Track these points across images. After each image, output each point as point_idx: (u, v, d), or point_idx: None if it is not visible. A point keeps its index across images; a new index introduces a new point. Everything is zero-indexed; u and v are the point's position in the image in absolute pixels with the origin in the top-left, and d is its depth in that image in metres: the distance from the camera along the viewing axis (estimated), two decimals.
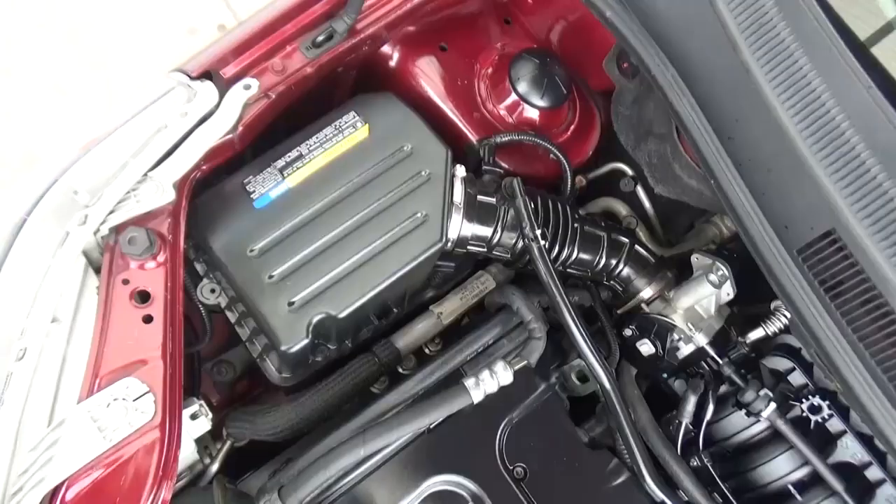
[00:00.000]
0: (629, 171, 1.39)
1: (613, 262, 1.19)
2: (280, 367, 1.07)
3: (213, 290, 1.07)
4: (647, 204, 1.40)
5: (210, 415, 1.03)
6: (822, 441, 1.08)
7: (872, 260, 0.91)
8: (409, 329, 1.15)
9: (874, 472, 1.07)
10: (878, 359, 0.93)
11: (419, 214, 1.03)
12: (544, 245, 1.05)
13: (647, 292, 1.19)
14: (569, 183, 1.25)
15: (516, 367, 1.01)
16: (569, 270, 1.19)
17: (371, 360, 1.09)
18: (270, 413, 1.04)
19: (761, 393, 1.05)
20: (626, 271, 1.19)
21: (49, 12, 2.55)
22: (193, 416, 0.99)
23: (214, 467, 1.08)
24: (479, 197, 1.10)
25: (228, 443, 1.14)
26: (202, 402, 1.02)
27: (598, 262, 1.19)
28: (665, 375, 1.18)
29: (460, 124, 1.24)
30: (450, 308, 1.19)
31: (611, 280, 1.21)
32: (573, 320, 1.02)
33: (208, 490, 1.07)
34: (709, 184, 1.03)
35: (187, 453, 1.04)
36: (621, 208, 1.40)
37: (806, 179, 0.94)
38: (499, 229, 1.11)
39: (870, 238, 0.91)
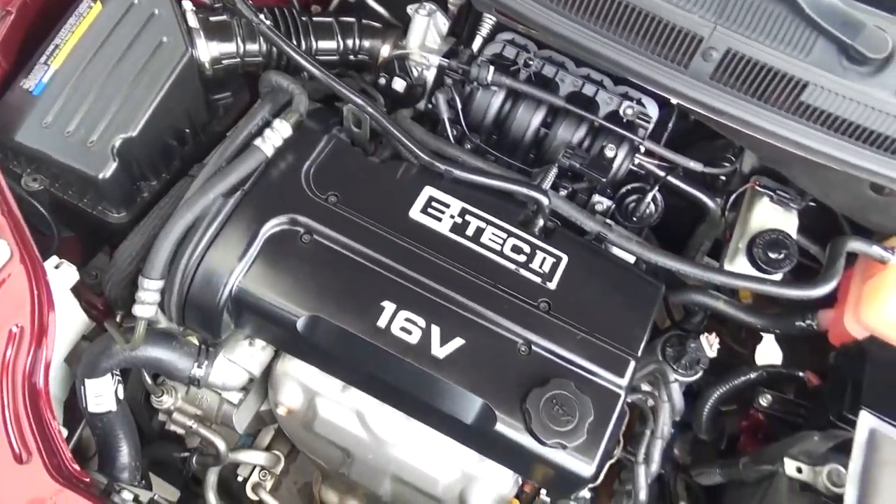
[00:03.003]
0: None
1: (350, 41, 1.42)
2: (113, 207, 1.24)
3: (34, 179, 1.22)
4: (379, 8, 1.63)
5: (74, 266, 1.18)
6: (544, 84, 1.34)
7: None
8: (214, 152, 1.34)
9: (589, 88, 1.34)
10: None
11: (164, 40, 1.22)
12: (270, 24, 1.26)
13: (385, 49, 1.42)
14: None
15: (291, 120, 1.21)
16: (319, 58, 1.40)
17: (190, 181, 1.27)
18: (120, 247, 1.21)
19: (480, 62, 1.29)
20: (364, 42, 1.42)
21: None
22: (56, 266, 1.15)
23: None
24: (212, 18, 1.30)
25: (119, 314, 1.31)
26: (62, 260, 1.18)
27: (340, 45, 1.41)
28: (430, 105, 1.42)
29: None
30: None
31: (358, 55, 1.43)
32: (316, 68, 1.24)
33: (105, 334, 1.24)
34: None
35: (70, 307, 1.20)
36: None
37: None
38: (239, 41, 1.32)
39: None
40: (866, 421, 1.01)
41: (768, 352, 1.71)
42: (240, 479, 1.54)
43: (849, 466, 0.97)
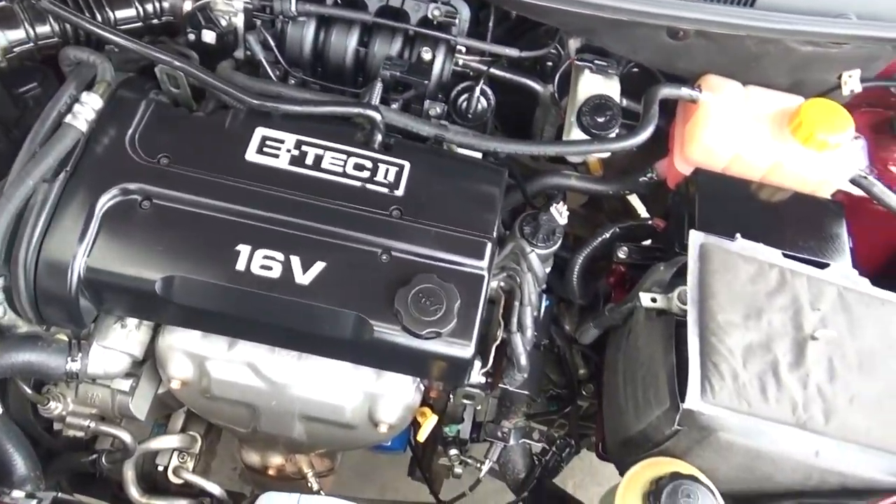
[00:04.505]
0: None
1: (149, 4, 1.36)
2: None
3: None
4: None
5: None
6: (352, 4, 1.34)
7: None
8: None
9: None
10: None
11: None
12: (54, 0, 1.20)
13: (187, 4, 1.38)
14: None
15: (100, 91, 1.17)
16: (122, 29, 1.35)
17: None
18: None
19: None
20: (163, 3, 1.37)
21: None
22: None
23: None
24: None
25: None
26: None
27: (139, 11, 1.36)
28: (248, 51, 1.39)
29: None
30: None
31: (162, 18, 1.39)
32: (115, 35, 1.20)
33: None
34: None
35: None
36: None
37: None
38: (27, 25, 1.25)
39: None
40: (695, 238, 1.10)
41: None
42: (160, 468, 1.52)
43: (688, 280, 1.05)
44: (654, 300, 1.12)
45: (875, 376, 1.01)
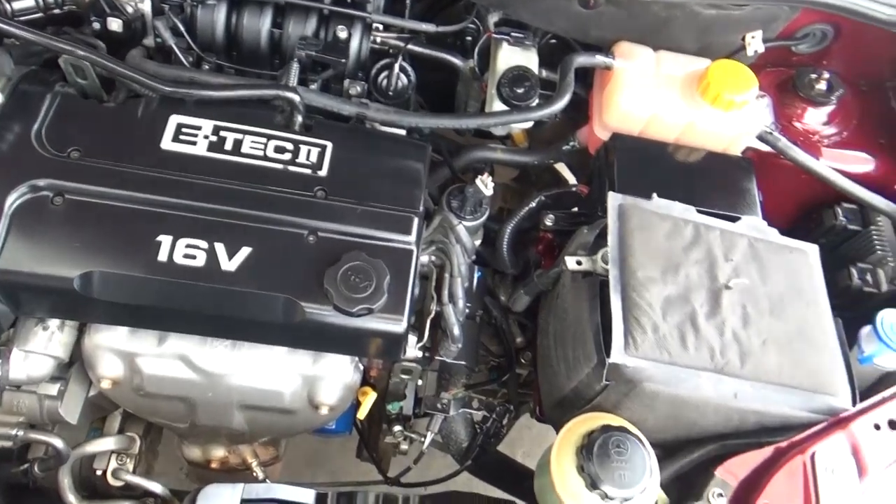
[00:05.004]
0: None
1: None
2: None
3: None
4: None
5: None
6: None
7: None
8: None
9: None
10: None
11: None
12: None
13: None
14: None
15: (0, 86, 1.13)
16: (22, 20, 1.30)
17: None
18: None
19: None
20: None
21: None
22: None
23: None
24: None
25: None
26: None
27: (39, 2, 1.30)
28: (158, 38, 1.36)
29: None
30: None
31: (64, 7, 1.33)
32: (12, 26, 1.15)
33: None
34: None
35: None
36: None
37: None
38: None
39: None
40: (613, 200, 1.13)
41: None
42: (98, 472, 1.48)
43: (608, 241, 1.09)
44: (579, 263, 1.15)
45: (785, 319, 1.07)
